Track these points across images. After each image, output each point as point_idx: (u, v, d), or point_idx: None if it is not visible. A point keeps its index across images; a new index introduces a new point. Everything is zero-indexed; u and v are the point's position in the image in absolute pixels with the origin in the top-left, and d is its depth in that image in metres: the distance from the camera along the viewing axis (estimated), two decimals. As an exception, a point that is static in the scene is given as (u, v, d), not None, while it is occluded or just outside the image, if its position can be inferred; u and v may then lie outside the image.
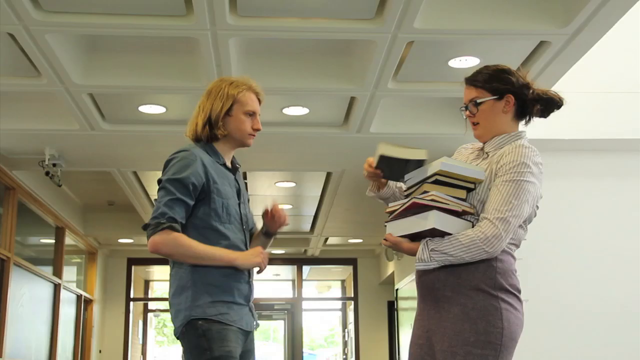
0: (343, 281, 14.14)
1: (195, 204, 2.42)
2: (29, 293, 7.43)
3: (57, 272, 8.34)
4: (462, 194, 2.21)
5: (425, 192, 2.20)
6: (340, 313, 14.39)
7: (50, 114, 5.42)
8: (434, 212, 2.15)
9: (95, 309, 10.27)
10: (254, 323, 2.53)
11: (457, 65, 4.64)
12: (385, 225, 2.33)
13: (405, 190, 2.34)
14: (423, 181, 2.24)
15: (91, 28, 4.11)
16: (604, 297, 5.85)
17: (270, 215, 2.65)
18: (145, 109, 5.32)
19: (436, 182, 2.20)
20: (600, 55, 5.15)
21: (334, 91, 4.96)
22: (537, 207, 2.33)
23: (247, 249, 2.52)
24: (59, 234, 8.50)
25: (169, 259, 2.44)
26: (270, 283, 14.23)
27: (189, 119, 2.65)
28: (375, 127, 5.53)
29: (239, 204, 2.56)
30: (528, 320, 6.11)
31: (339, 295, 14.72)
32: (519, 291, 2.23)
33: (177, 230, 2.34)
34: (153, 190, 7.72)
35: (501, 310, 2.14)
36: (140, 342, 12.52)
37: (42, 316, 8.00)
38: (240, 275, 2.45)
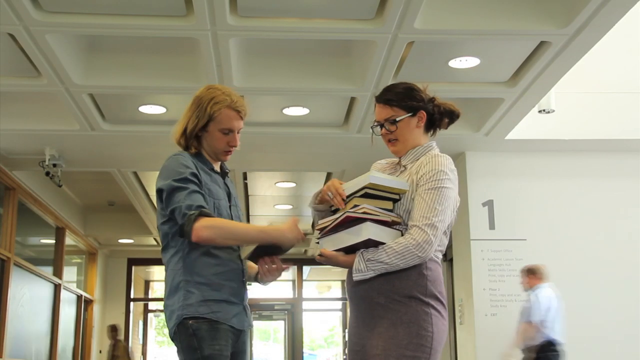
0: (343, 281, 14.13)
1: None
2: (29, 293, 7.43)
3: (57, 273, 8.35)
4: (389, 205, 2.32)
5: (355, 205, 2.28)
6: (340, 313, 14.40)
7: (50, 114, 5.42)
8: (368, 224, 2.25)
9: (96, 309, 10.27)
10: (247, 323, 2.51)
11: (457, 65, 4.64)
12: (318, 242, 2.42)
13: (318, 226, 2.43)
14: (351, 195, 2.33)
15: (91, 28, 4.10)
16: (604, 297, 5.85)
17: (268, 268, 2.53)
18: (145, 109, 5.32)
19: (365, 195, 2.30)
20: (601, 56, 5.15)
21: (334, 91, 4.96)
22: (456, 212, 2.43)
23: (237, 251, 2.51)
24: (59, 234, 8.50)
25: (210, 244, 2.40)
26: (271, 283, 14.21)
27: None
28: (375, 127, 5.53)
29: (230, 207, 2.56)
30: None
31: (339, 295, 14.73)
32: (445, 299, 2.35)
33: (209, 215, 2.35)
34: (153, 191, 7.69)
35: (431, 316, 2.26)
36: (141, 342, 12.52)
37: (42, 316, 8.00)
38: (233, 274, 2.45)
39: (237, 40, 4.30)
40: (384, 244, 2.26)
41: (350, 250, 2.31)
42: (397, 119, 2.44)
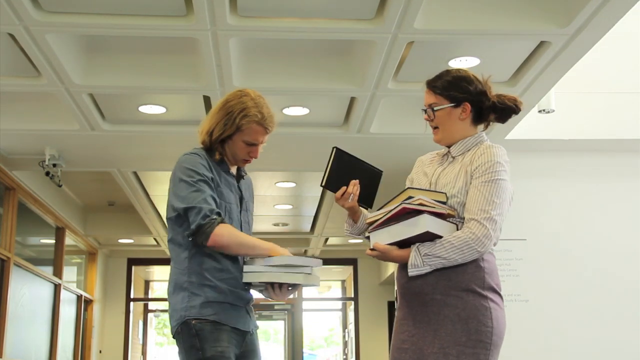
0: (343, 281, 14.14)
1: None
2: (29, 293, 7.43)
3: (57, 272, 8.34)
4: (442, 197, 2.26)
5: (410, 197, 2.23)
6: (340, 313, 14.39)
7: (50, 114, 5.42)
8: (425, 216, 2.17)
9: (96, 309, 10.27)
10: (252, 325, 2.52)
11: (457, 66, 4.63)
12: (368, 237, 2.37)
13: (368, 219, 2.38)
14: (395, 197, 2.28)
15: (91, 28, 4.10)
16: (604, 297, 5.85)
17: (276, 293, 2.52)
18: (145, 109, 5.31)
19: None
20: (601, 55, 5.14)
21: (334, 91, 4.96)
22: (510, 204, 2.37)
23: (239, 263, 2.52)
24: (59, 234, 8.50)
25: (220, 250, 2.44)
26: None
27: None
28: (375, 127, 5.53)
29: (240, 211, 2.57)
30: (529, 320, 6.11)
31: (339, 295, 14.73)
32: (501, 290, 2.33)
33: (224, 222, 2.40)
34: (153, 191, 7.72)
35: (490, 310, 2.22)
36: (141, 342, 12.52)
37: (42, 316, 8.00)
38: (237, 282, 2.45)
39: (237, 40, 4.30)
40: (440, 237, 2.19)
41: (404, 244, 2.24)
42: (436, 108, 2.39)
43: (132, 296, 11.24)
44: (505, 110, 2.43)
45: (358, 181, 2.44)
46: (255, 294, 2.57)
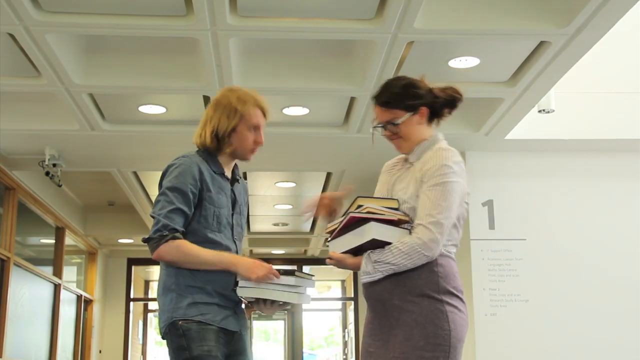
0: (343, 281, 14.14)
1: None
2: (29, 293, 7.43)
3: (57, 272, 8.34)
4: (394, 204, 2.31)
5: (359, 206, 2.28)
6: (340, 313, 14.39)
7: (50, 114, 5.42)
8: (372, 224, 2.22)
9: (95, 309, 10.26)
10: (241, 325, 2.53)
11: (457, 65, 4.64)
12: (328, 245, 2.42)
13: (327, 229, 2.44)
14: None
15: (91, 28, 4.10)
16: (604, 297, 5.85)
17: (264, 307, 2.54)
18: (145, 109, 5.31)
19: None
20: (601, 56, 5.14)
21: (334, 91, 4.96)
22: (467, 203, 2.41)
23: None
24: (59, 234, 8.50)
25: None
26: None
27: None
28: (375, 127, 5.53)
29: (232, 215, 2.58)
30: (529, 320, 6.11)
31: (339, 295, 14.72)
32: (462, 292, 2.32)
33: (179, 238, 2.42)
34: (153, 191, 7.72)
35: (447, 313, 2.23)
36: (140, 342, 12.52)
37: (42, 316, 8.00)
38: (225, 284, 2.47)
39: (237, 40, 4.30)
40: (390, 243, 2.23)
41: (359, 251, 2.30)
42: (398, 122, 2.41)
43: (132, 296, 11.23)
44: (453, 102, 2.47)
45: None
46: None
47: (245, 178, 7.30)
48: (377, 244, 2.25)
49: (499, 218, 6.03)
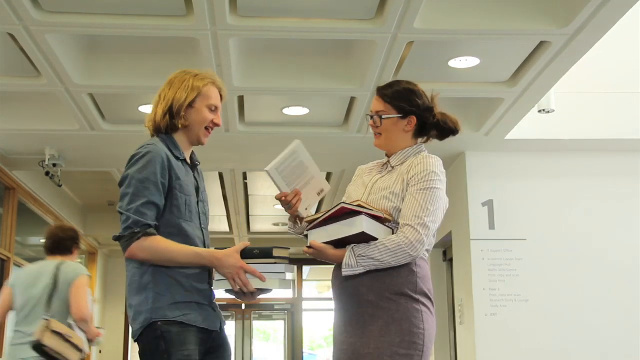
0: (343, 281, 14.12)
1: None
2: (29, 293, 7.41)
3: (57, 272, 8.32)
4: (373, 206, 2.35)
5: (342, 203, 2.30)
6: (340, 313, 14.35)
7: (50, 114, 5.42)
8: (363, 217, 2.24)
9: (95, 309, 10.27)
10: (219, 322, 2.41)
11: (457, 65, 4.64)
12: (306, 235, 2.43)
13: (307, 218, 2.46)
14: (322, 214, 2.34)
15: (91, 28, 4.11)
16: (604, 297, 5.85)
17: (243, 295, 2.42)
18: (145, 109, 5.31)
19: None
20: (601, 55, 5.14)
21: (334, 91, 4.96)
22: (443, 212, 2.44)
23: (205, 247, 2.44)
24: (59, 234, 8.48)
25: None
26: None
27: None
28: (375, 127, 5.53)
29: (198, 202, 2.47)
30: (529, 320, 6.11)
31: (339, 295, 14.70)
32: (433, 296, 2.37)
33: (152, 234, 2.28)
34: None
35: (422, 313, 2.28)
36: (140, 342, 12.50)
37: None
38: (201, 277, 2.36)
39: (237, 40, 4.30)
40: (376, 239, 2.26)
41: (340, 244, 2.31)
42: (384, 117, 2.46)
43: (132, 296, 11.23)
44: (446, 131, 2.50)
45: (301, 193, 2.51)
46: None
47: (245, 178, 7.32)
48: (363, 238, 2.26)
49: (499, 218, 6.03)
